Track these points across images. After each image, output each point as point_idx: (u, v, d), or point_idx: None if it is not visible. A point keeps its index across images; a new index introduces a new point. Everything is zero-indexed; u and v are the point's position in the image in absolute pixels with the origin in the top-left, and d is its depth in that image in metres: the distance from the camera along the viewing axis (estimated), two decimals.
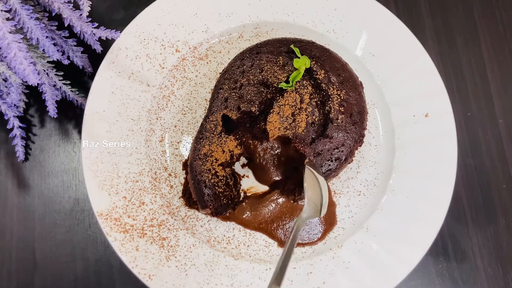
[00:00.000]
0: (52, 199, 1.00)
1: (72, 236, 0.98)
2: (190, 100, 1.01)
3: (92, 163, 0.92)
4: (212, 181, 0.89)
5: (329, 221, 0.95)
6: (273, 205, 0.95)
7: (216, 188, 0.89)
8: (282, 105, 0.91)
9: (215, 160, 0.90)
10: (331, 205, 0.96)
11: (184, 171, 0.97)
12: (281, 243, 0.93)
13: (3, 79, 0.96)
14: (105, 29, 0.92)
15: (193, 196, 0.92)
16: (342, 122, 0.91)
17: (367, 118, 0.97)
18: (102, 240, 0.97)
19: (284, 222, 0.95)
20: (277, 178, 0.96)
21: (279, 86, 0.92)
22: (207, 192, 0.89)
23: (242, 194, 0.96)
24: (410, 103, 0.99)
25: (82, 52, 1.00)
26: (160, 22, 1.00)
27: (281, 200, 0.96)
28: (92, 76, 1.04)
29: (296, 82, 0.92)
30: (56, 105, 0.95)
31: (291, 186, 0.95)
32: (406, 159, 0.97)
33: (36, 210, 0.99)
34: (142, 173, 0.94)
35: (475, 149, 1.06)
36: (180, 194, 0.96)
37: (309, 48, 0.96)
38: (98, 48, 0.97)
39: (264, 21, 1.03)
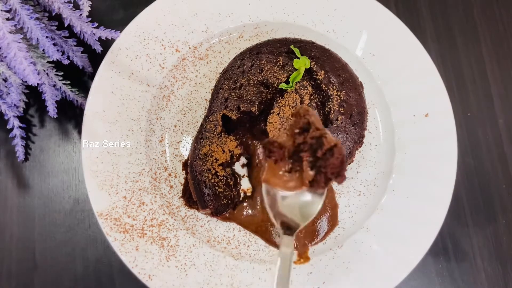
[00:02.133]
0: (52, 199, 1.00)
1: (72, 236, 0.98)
2: (190, 100, 1.01)
3: (92, 163, 0.92)
4: (212, 181, 0.89)
5: (332, 222, 0.95)
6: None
7: (216, 188, 0.89)
8: (282, 105, 0.91)
9: (215, 160, 0.90)
10: (334, 206, 0.96)
11: (184, 171, 0.97)
12: (277, 247, 0.93)
13: (3, 79, 0.96)
14: (105, 29, 0.92)
15: (193, 196, 0.92)
16: (341, 123, 0.91)
17: (367, 119, 0.97)
18: (102, 240, 0.97)
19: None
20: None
21: (279, 87, 0.92)
22: (207, 192, 0.89)
23: (242, 194, 0.96)
24: (410, 103, 0.99)
25: (82, 52, 1.00)
26: (160, 22, 1.00)
27: None
28: (92, 76, 1.04)
29: (296, 82, 0.92)
30: (56, 105, 0.95)
31: None
32: (406, 159, 0.97)
33: (36, 210, 0.99)
34: (142, 173, 0.94)
35: (475, 149, 1.06)
36: (180, 194, 0.96)
37: (309, 48, 0.96)
38: (98, 48, 0.97)
39: (264, 21, 1.03)
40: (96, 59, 1.01)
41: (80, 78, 1.06)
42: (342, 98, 0.92)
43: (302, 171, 0.74)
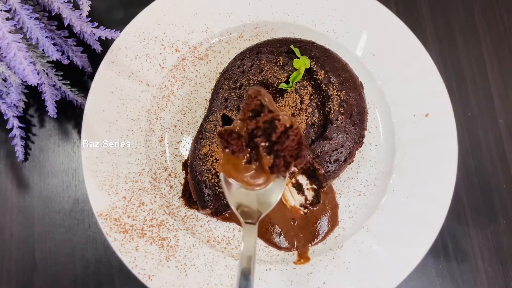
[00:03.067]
0: (52, 199, 1.00)
1: (71, 236, 0.98)
2: (190, 100, 1.01)
3: (91, 163, 0.92)
4: (212, 181, 0.89)
5: (332, 222, 0.95)
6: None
7: (216, 188, 0.89)
8: (282, 106, 0.91)
9: (215, 160, 0.90)
10: (334, 207, 0.96)
11: (184, 171, 0.97)
12: (277, 247, 0.93)
13: (3, 79, 0.95)
14: (105, 29, 0.92)
15: (193, 196, 0.92)
16: (341, 123, 0.91)
17: (367, 119, 0.97)
18: (101, 240, 0.97)
19: (276, 226, 0.94)
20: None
21: (279, 87, 0.92)
22: (207, 192, 0.89)
23: None
24: (410, 103, 0.99)
25: (81, 52, 1.00)
26: (160, 22, 1.00)
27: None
28: (91, 76, 1.04)
29: (296, 82, 0.92)
30: (56, 105, 0.95)
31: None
32: (406, 159, 0.97)
33: (36, 210, 0.99)
34: (142, 173, 0.94)
35: (476, 149, 1.06)
36: (180, 194, 0.96)
37: (309, 48, 0.96)
38: (97, 48, 0.97)
39: (264, 21, 1.03)
40: (96, 59, 1.01)
41: (80, 78, 1.06)
42: (342, 98, 0.92)
43: (261, 158, 0.72)
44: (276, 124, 0.69)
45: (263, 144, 0.71)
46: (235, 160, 0.73)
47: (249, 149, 0.72)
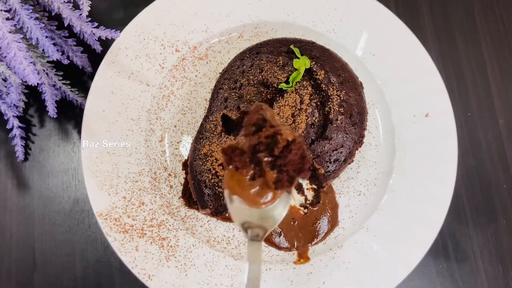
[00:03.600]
0: (52, 199, 1.00)
1: (71, 236, 0.98)
2: (190, 100, 1.01)
3: (91, 163, 0.92)
4: (212, 181, 0.89)
5: (332, 222, 0.95)
6: None
7: (216, 188, 0.89)
8: (282, 106, 0.91)
9: (215, 160, 0.90)
10: (334, 207, 0.96)
11: (184, 171, 0.97)
12: (277, 247, 0.93)
13: (3, 79, 0.95)
14: (105, 29, 0.92)
15: (193, 196, 0.92)
16: (341, 123, 0.91)
17: (367, 119, 0.97)
18: (101, 240, 0.97)
19: (276, 226, 0.94)
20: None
21: (279, 87, 0.92)
22: (207, 192, 0.89)
23: None
24: (410, 103, 0.99)
25: (81, 52, 1.00)
26: (160, 22, 1.00)
27: None
28: (91, 76, 1.04)
29: (296, 82, 0.92)
30: (56, 105, 0.95)
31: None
32: (406, 159, 0.97)
33: (36, 210, 0.99)
34: (142, 173, 0.94)
35: (476, 149, 1.06)
36: (180, 194, 0.96)
37: (309, 48, 0.96)
38: (97, 48, 0.97)
39: (264, 21, 1.03)
40: (96, 59, 1.01)
41: (80, 78, 1.06)
42: (342, 98, 0.92)
43: (265, 173, 0.70)
44: (278, 138, 0.68)
45: (266, 159, 0.70)
46: (239, 177, 0.71)
47: (252, 165, 0.71)
